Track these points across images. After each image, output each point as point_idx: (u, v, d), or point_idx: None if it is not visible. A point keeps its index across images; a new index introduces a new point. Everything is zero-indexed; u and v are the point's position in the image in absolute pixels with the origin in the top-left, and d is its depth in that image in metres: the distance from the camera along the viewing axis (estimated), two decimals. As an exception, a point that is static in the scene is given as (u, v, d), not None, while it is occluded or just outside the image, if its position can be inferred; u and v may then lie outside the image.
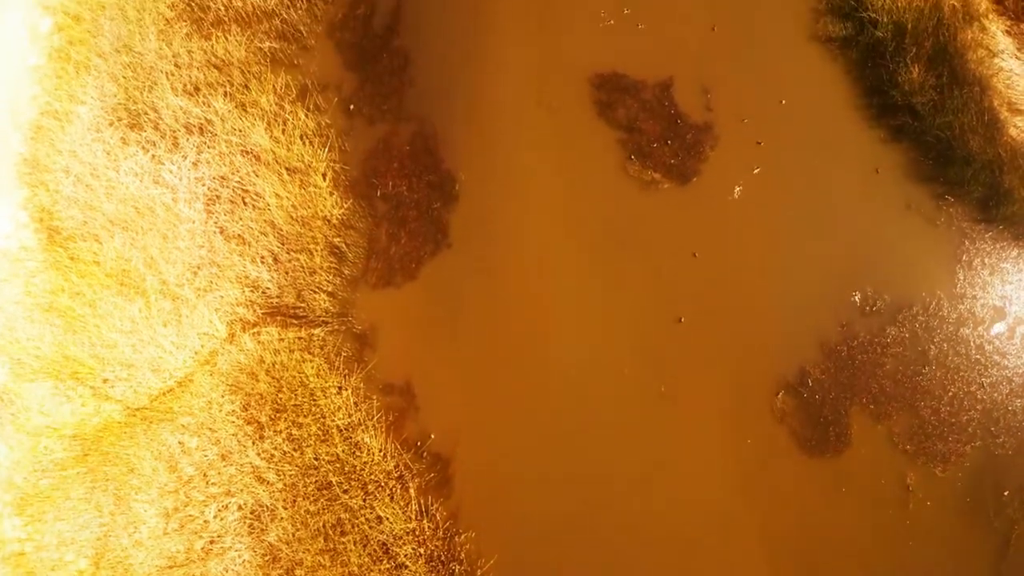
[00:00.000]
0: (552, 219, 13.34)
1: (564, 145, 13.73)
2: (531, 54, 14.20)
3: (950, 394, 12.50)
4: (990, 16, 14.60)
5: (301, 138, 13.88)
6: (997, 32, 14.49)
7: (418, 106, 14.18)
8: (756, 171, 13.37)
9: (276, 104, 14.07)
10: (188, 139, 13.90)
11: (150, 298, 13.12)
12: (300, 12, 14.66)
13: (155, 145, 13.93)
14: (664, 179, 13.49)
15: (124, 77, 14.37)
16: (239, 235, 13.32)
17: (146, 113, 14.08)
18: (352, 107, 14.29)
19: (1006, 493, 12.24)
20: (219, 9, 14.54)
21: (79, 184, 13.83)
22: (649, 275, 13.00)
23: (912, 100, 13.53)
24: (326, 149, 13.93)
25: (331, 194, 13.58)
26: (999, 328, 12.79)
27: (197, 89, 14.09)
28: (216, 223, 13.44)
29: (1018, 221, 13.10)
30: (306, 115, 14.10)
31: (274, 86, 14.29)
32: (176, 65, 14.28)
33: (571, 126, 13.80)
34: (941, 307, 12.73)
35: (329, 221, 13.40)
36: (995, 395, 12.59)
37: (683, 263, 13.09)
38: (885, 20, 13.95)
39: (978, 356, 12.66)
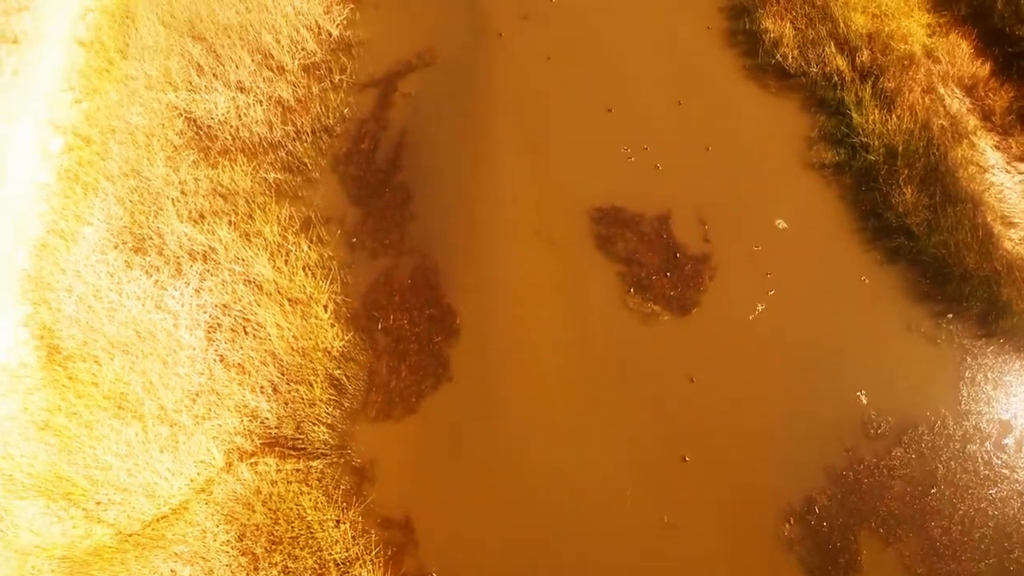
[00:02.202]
0: (553, 352, 13.33)
1: (564, 278, 13.87)
2: (531, 189, 14.52)
3: (960, 512, 12.23)
4: (978, 133, 14.91)
5: (304, 269, 14.02)
6: (986, 148, 14.77)
7: (419, 240, 14.38)
8: (771, 293, 13.50)
9: (280, 235, 14.29)
10: (191, 266, 14.05)
11: (147, 423, 13.01)
12: (305, 145, 15.14)
13: (159, 270, 14.08)
14: (664, 311, 13.58)
15: (131, 201, 14.67)
16: (239, 364, 13.30)
17: (151, 238, 14.29)
18: (354, 240, 14.49)
19: (1025, 608, 11.88)
20: (226, 139, 15.01)
21: (81, 304, 13.91)
22: (651, 407, 12.90)
23: (907, 221, 13.74)
24: (328, 281, 14.02)
25: (332, 326, 13.60)
26: (1006, 442, 12.61)
27: (202, 217, 14.35)
28: (217, 351, 13.45)
29: (1018, 333, 13.09)
30: (309, 247, 14.29)
31: (278, 217, 14.55)
32: (182, 192, 14.61)
33: (571, 259, 13.97)
34: (947, 425, 12.58)
35: (330, 353, 13.38)
36: (1006, 510, 12.30)
37: (686, 394, 13.01)
38: (876, 144, 14.29)
39: (987, 472, 12.43)
